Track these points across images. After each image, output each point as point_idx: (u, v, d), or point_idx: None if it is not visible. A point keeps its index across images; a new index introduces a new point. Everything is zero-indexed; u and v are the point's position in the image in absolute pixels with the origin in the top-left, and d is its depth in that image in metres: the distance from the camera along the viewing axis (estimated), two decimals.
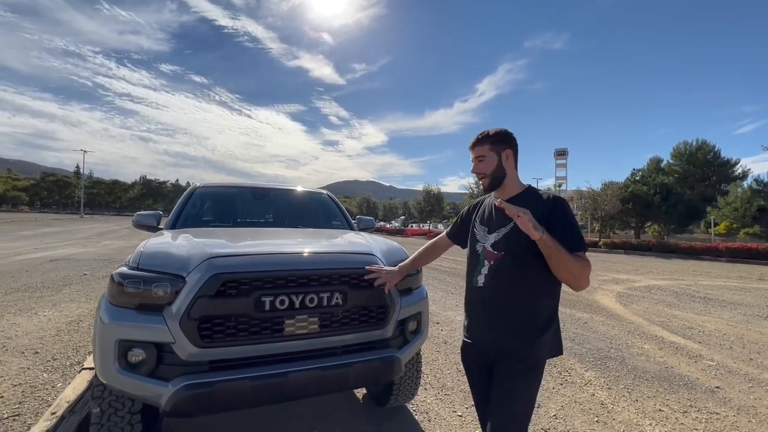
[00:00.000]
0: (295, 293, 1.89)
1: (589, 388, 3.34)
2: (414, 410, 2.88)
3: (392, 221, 65.72)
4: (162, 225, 3.19)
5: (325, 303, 1.95)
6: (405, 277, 2.16)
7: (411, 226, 48.99)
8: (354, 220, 3.83)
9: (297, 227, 3.41)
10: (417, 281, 2.48)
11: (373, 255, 2.26)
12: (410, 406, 2.93)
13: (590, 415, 2.87)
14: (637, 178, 33.19)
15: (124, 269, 1.88)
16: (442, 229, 1.88)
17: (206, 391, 1.67)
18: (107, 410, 1.90)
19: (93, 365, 1.87)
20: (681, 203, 28.82)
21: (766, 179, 34.25)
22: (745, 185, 35.89)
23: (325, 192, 4.23)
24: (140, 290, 1.78)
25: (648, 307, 6.71)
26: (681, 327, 5.47)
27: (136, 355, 1.73)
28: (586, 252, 1.46)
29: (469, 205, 1.87)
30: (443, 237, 2.00)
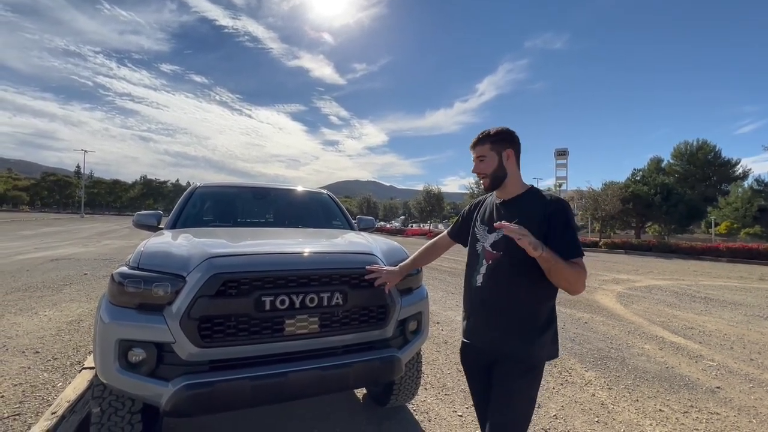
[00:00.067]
0: (296, 293, 1.89)
1: (590, 388, 3.34)
2: (414, 410, 2.88)
3: (392, 221, 65.72)
4: (162, 225, 3.20)
5: (326, 303, 1.95)
6: (405, 277, 2.15)
7: (411, 226, 48.99)
8: (354, 220, 3.83)
9: (297, 227, 3.41)
10: (417, 281, 2.48)
11: (374, 255, 2.26)
12: (410, 406, 2.93)
13: (590, 416, 2.87)
14: (638, 178, 33.17)
15: (125, 269, 1.88)
16: (443, 229, 1.89)
17: (206, 391, 1.67)
18: (107, 410, 1.90)
19: (93, 365, 1.88)
20: (681, 203, 28.80)
21: (767, 179, 34.25)
22: (746, 185, 35.89)
23: (326, 192, 4.23)
24: (140, 290, 1.78)
25: (648, 308, 6.70)
26: (681, 327, 5.46)
27: (137, 355, 1.73)
28: (583, 257, 1.45)
29: (471, 204, 1.86)
30: (444, 236, 1.99)
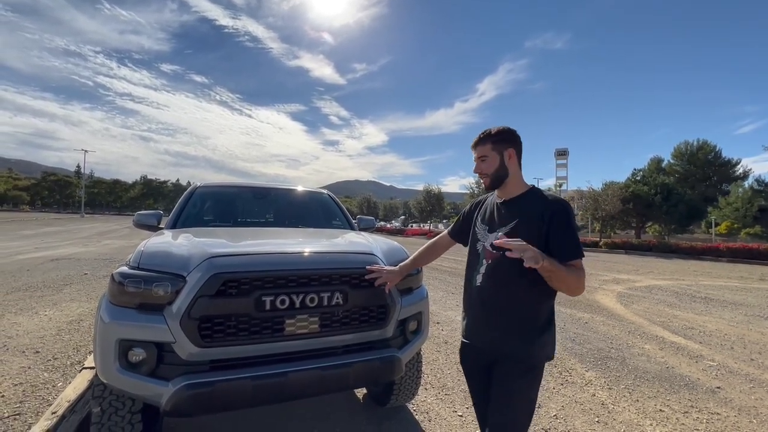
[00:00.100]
0: (296, 293, 1.89)
1: (590, 388, 3.34)
2: (414, 410, 2.88)
3: (392, 221, 65.71)
4: (162, 224, 3.20)
5: (326, 303, 1.95)
6: (405, 277, 2.15)
7: (411, 226, 48.98)
8: (354, 220, 3.83)
9: (297, 227, 3.41)
10: (417, 281, 2.48)
11: (374, 255, 2.26)
12: (410, 406, 2.93)
13: (591, 416, 2.87)
14: (638, 178, 33.17)
15: (125, 269, 1.88)
16: (443, 229, 1.89)
17: (207, 391, 1.67)
18: (108, 410, 1.90)
19: (93, 364, 1.88)
20: (682, 203, 28.79)
21: (767, 179, 34.24)
22: (746, 185, 35.90)
23: (326, 192, 4.23)
24: (141, 290, 1.78)
25: (649, 308, 6.70)
26: (682, 327, 5.46)
27: (137, 355, 1.73)
28: (584, 258, 1.45)
29: (472, 203, 1.85)
30: (445, 235, 1.98)
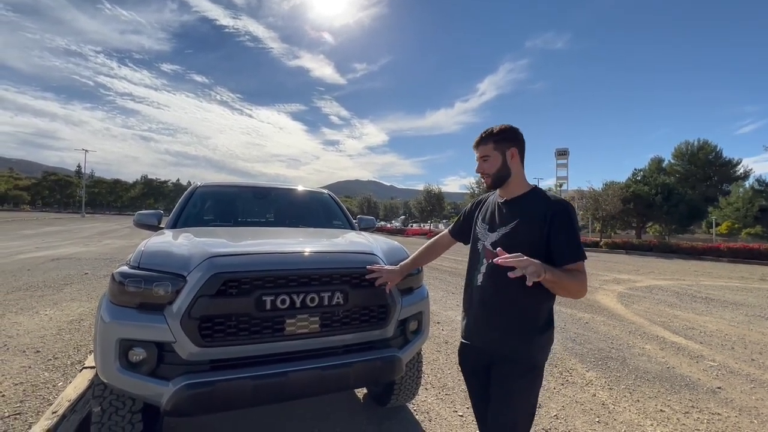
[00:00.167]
0: (296, 293, 1.89)
1: (591, 389, 3.34)
2: (415, 410, 2.88)
3: (393, 221, 65.72)
4: (163, 224, 3.20)
5: (326, 302, 1.95)
6: (406, 277, 2.15)
7: (411, 226, 48.98)
8: (355, 220, 3.83)
9: (298, 227, 3.41)
10: (418, 281, 2.47)
11: (375, 254, 2.26)
12: (411, 406, 2.93)
13: (591, 416, 2.87)
14: (639, 178, 33.14)
15: (125, 268, 1.88)
16: (443, 229, 1.89)
17: (207, 391, 1.67)
18: (108, 409, 1.90)
19: (94, 364, 1.87)
20: (682, 203, 28.76)
21: None
22: (747, 185, 35.84)
23: (326, 191, 4.23)
24: (141, 289, 1.78)
25: (649, 308, 6.69)
26: (682, 327, 5.45)
27: (137, 355, 1.73)
28: (586, 260, 1.43)
29: (473, 202, 1.84)
30: (445, 234, 1.97)
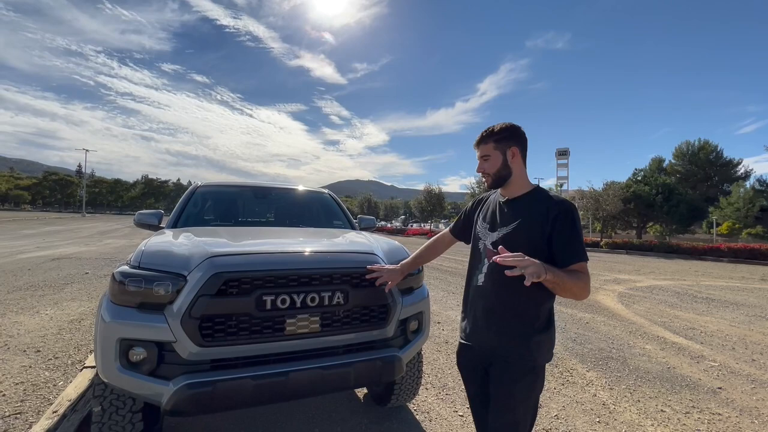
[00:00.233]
0: (297, 292, 1.89)
1: (591, 389, 3.33)
2: (415, 410, 2.88)
3: (393, 221, 65.73)
4: (163, 224, 3.20)
5: (327, 302, 1.95)
6: (406, 277, 2.15)
7: (412, 226, 48.98)
8: (355, 220, 3.83)
9: (298, 227, 3.41)
10: (418, 281, 2.47)
11: (375, 254, 2.26)
12: (411, 406, 2.93)
13: (592, 416, 2.87)
14: (639, 178, 33.12)
15: (126, 268, 1.88)
16: (443, 229, 1.88)
17: (207, 391, 1.67)
18: (108, 409, 1.90)
19: (94, 364, 1.88)
20: (683, 203, 28.73)
21: None
22: (748, 185, 35.80)
23: (327, 191, 4.23)
24: (141, 289, 1.78)
25: (650, 308, 6.69)
26: (683, 327, 5.45)
27: (138, 354, 1.73)
28: (588, 261, 1.41)
29: (474, 201, 1.82)
30: (446, 233, 1.96)
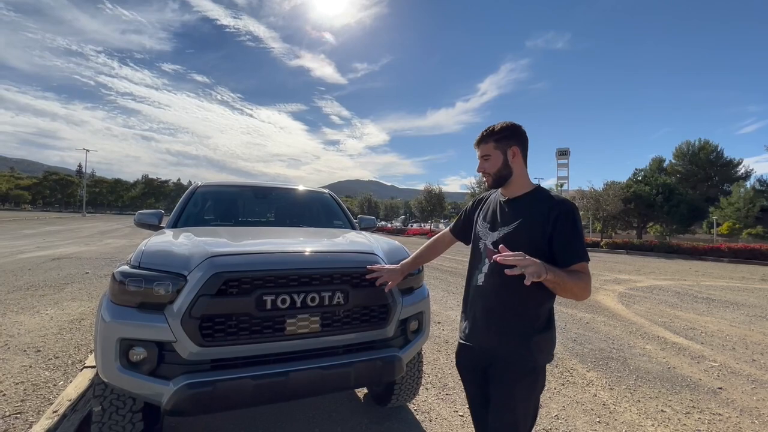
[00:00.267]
0: (297, 292, 1.88)
1: (591, 389, 3.33)
2: (415, 410, 2.88)
3: (393, 221, 65.75)
4: (164, 224, 3.20)
5: (327, 302, 1.95)
6: (407, 277, 2.15)
7: (412, 226, 49.00)
8: (355, 220, 3.83)
9: (299, 226, 3.41)
10: (419, 281, 2.47)
11: (375, 254, 2.25)
12: (411, 406, 2.93)
13: (592, 416, 2.86)
14: (639, 178, 33.12)
15: (126, 268, 1.88)
16: (444, 229, 1.87)
17: (207, 390, 1.67)
18: (109, 408, 1.90)
19: (94, 363, 1.88)
20: (683, 203, 28.73)
21: None
22: (748, 185, 35.80)
23: (327, 191, 4.22)
24: (141, 289, 1.78)
25: (650, 308, 6.68)
26: (683, 328, 5.44)
27: (138, 354, 1.73)
28: (589, 261, 1.40)
29: (474, 200, 1.81)
30: (446, 233, 1.96)
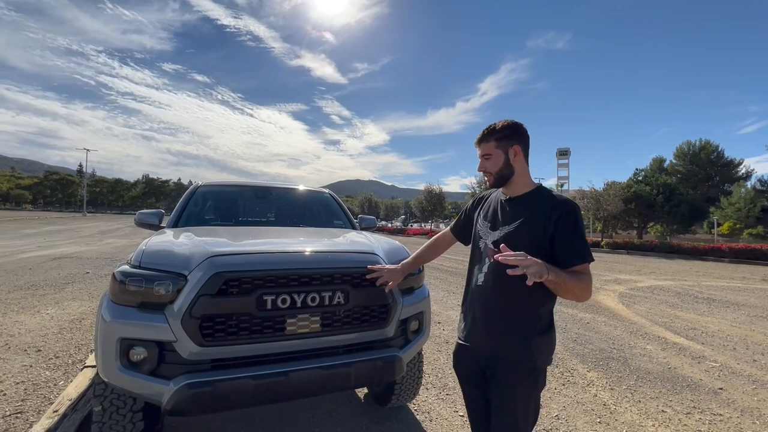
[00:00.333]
0: (297, 292, 1.88)
1: (592, 389, 3.33)
2: (415, 410, 2.88)
3: (393, 221, 65.78)
4: (164, 223, 3.20)
5: (327, 302, 1.94)
6: (407, 277, 2.14)
7: (412, 226, 49.01)
8: (356, 220, 3.83)
9: (299, 226, 3.41)
10: (419, 281, 2.47)
11: (376, 254, 2.25)
12: (412, 406, 2.93)
13: (593, 416, 2.86)
14: (640, 178, 33.12)
15: (126, 267, 1.88)
16: (444, 229, 1.86)
17: (207, 390, 1.67)
18: (109, 408, 1.90)
19: (95, 363, 1.88)
20: (684, 203, 28.72)
21: None
22: (749, 185, 35.75)
23: (327, 191, 4.22)
24: (142, 288, 1.78)
25: (651, 308, 6.68)
26: (684, 328, 5.44)
27: (138, 354, 1.73)
28: (593, 261, 1.37)
29: (474, 199, 1.79)
30: (447, 233, 1.94)
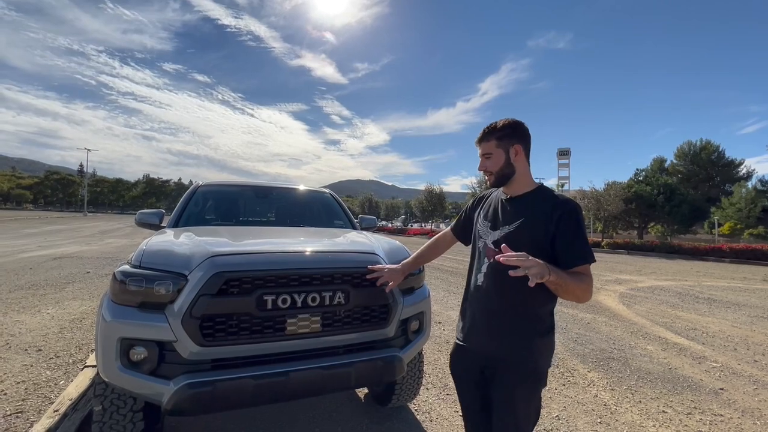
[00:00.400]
0: (298, 292, 1.88)
1: (592, 389, 3.32)
2: (416, 410, 2.88)
3: (394, 221, 65.79)
4: (165, 223, 3.20)
5: (328, 302, 1.94)
6: (407, 277, 2.14)
7: (412, 226, 49.01)
8: (356, 220, 3.83)
9: (299, 226, 3.41)
10: (419, 281, 2.47)
11: (376, 254, 2.25)
12: (412, 406, 2.93)
13: (593, 416, 2.86)
14: (641, 178, 33.11)
15: (127, 267, 1.88)
16: (444, 229, 1.86)
17: (208, 390, 1.67)
18: (109, 408, 1.90)
19: (95, 363, 1.88)
20: (684, 203, 28.71)
21: None
22: (750, 186, 35.71)
23: (328, 191, 4.22)
24: (142, 288, 1.78)
25: (651, 308, 6.67)
26: (685, 328, 5.43)
27: (138, 354, 1.73)
28: (594, 262, 1.36)
29: (474, 199, 1.78)
30: (447, 232, 1.94)
